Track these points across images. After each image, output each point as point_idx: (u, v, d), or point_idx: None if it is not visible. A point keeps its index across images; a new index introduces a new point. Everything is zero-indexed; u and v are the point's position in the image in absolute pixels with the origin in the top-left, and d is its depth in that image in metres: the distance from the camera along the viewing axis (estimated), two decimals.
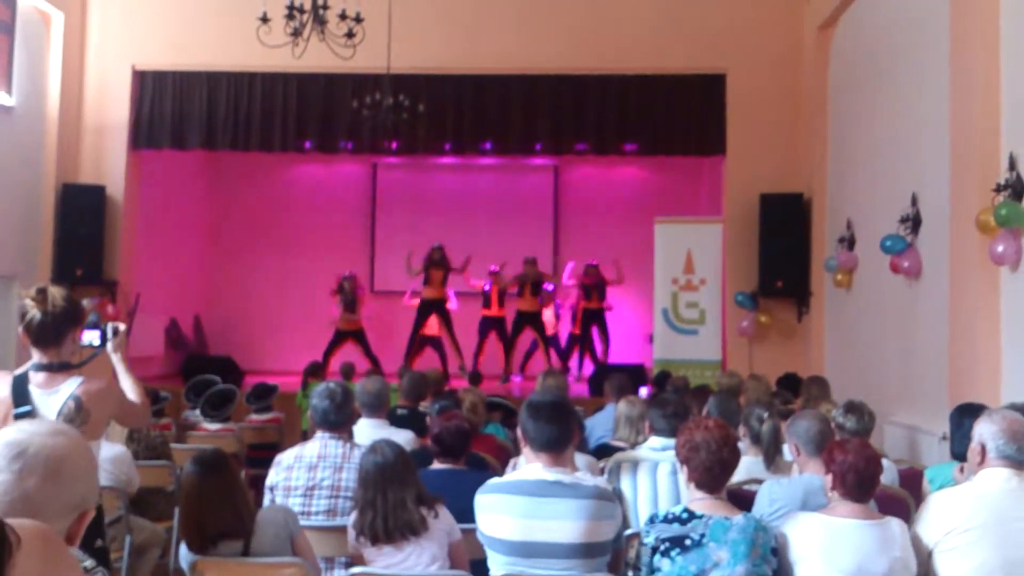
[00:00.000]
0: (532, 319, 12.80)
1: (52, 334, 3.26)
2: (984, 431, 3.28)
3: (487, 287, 12.90)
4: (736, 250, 11.00)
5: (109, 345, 3.56)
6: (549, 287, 13.04)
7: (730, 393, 6.07)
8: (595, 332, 13.12)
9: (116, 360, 3.60)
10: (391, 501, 3.59)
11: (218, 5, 11.21)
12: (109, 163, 11.44)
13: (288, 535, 3.48)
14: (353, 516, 3.72)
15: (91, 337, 3.52)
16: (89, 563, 1.78)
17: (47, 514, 1.69)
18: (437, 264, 12.69)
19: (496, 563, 3.28)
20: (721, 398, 5.34)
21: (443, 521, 3.66)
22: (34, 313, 3.22)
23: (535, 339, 13.05)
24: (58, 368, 3.26)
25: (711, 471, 3.19)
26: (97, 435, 3.31)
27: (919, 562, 3.17)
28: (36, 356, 3.28)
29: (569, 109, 11.38)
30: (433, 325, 12.87)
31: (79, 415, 3.16)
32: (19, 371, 3.30)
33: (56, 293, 3.26)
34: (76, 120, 11.37)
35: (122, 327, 3.61)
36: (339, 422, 4.21)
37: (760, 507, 3.68)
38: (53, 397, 3.21)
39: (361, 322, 12.83)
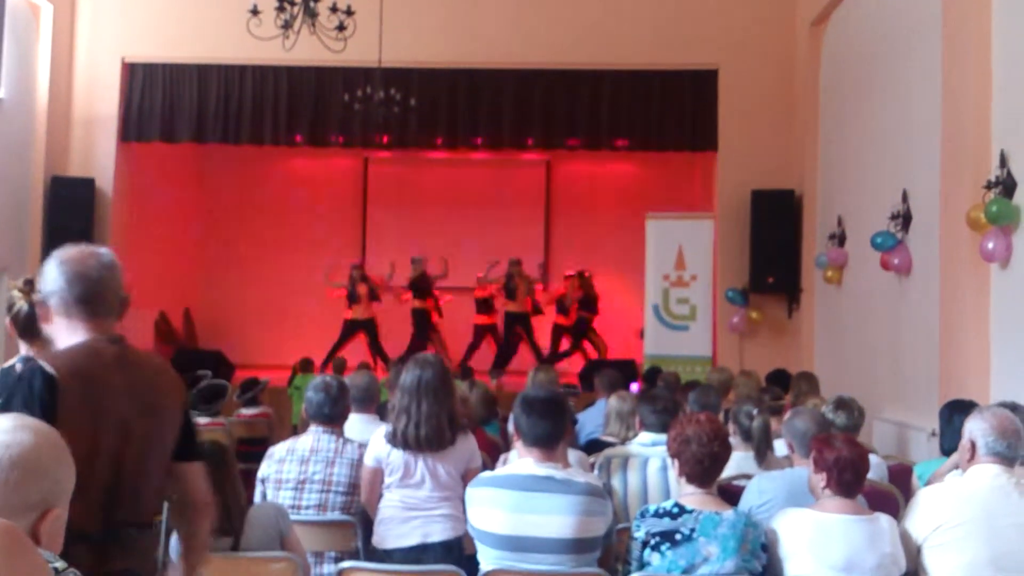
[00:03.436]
0: (521, 320, 12.84)
1: (39, 326, 3.22)
2: (974, 428, 3.29)
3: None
4: (727, 246, 11.01)
5: None
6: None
7: (711, 387, 6.06)
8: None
9: None
10: (424, 411, 3.81)
11: None
12: (98, 156, 11.38)
13: (278, 533, 3.47)
14: (386, 427, 3.91)
15: None
16: (60, 564, 1.74)
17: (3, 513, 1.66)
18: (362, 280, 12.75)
19: (486, 557, 3.28)
20: (701, 392, 5.37)
21: (468, 443, 3.93)
22: (21, 304, 3.17)
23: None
24: None
25: (702, 464, 3.20)
26: None
27: (908, 557, 3.18)
28: (23, 349, 3.24)
29: (561, 104, 11.37)
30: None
31: None
32: (6, 364, 3.27)
33: None
34: (65, 112, 11.31)
35: None
36: (333, 416, 4.21)
37: (749, 499, 3.69)
38: None
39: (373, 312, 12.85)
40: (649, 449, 4.14)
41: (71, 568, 1.76)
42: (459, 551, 3.74)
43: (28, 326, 3.21)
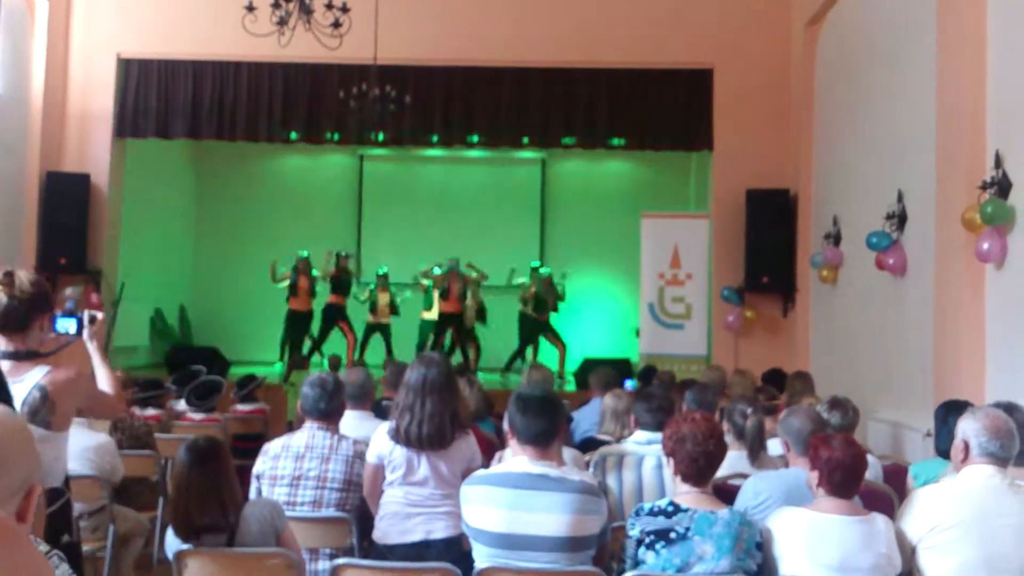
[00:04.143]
0: (451, 320, 12.80)
1: (18, 320, 3.12)
2: (967, 428, 3.29)
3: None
4: (722, 245, 11.03)
5: (85, 333, 3.45)
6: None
7: (708, 386, 6.07)
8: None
9: (92, 349, 3.49)
10: (428, 410, 3.84)
11: None
12: (94, 151, 11.36)
13: (273, 530, 3.45)
14: (389, 424, 3.92)
15: (67, 325, 3.41)
16: (44, 547, 1.75)
17: None
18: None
19: (481, 555, 3.28)
20: (697, 390, 5.37)
21: (469, 442, 3.95)
22: (0, 297, 3.10)
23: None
24: (24, 356, 3.12)
25: (696, 463, 3.20)
26: (64, 426, 3.16)
27: (903, 558, 3.18)
28: (1, 343, 3.15)
29: (557, 102, 11.37)
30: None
31: (45, 405, 3.03)
32: None
33: (23, 277, 3.13)
34: (60, 108, 11.29)
35: (100, 315, 3.51)
36: (329, 411, 4.20)
37: (744, 499, 3.69)
38: (18, 386, 3.03)
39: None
40: (644, 448, 4.14)
41: (55, 551, 1.77)
42: (460, 548, 3.74)
43: (6, 320, 3.12)
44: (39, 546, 1.73)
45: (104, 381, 3.44)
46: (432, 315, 12.90)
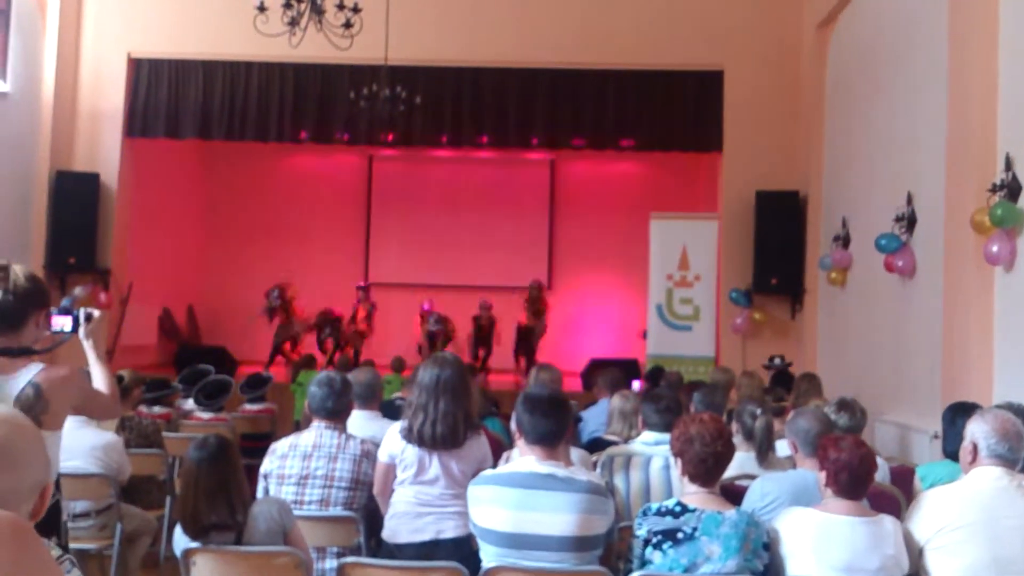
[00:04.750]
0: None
1: (13, 316, 3.02)
2: (976, 430, 3.28)
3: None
4: (731, 247, 11.01)
5: (81, 331, 3.40)
6: None
7: (717, 387, 6.06)
8: None
9: (87, 347, 3.42)
10: (441, 409, 3.85)
11: None
12: (103, 151, 11.41)
13: (281, 529, 3.45)
14: (401, 423, 3.93)
15: (63, 322, 3.35)
16: (57, 551, 1.76)
17: (11, 503, 1.66)
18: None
19: (488, 554, 3.28)
20: (706, 392, 5.37)
21: (481, 444, 3.95)
22: None
23: None
24: (18, 353, 3.02)
25: (705, 463, 3.19)
26: (57, 425, 3.06)
27: (910, 559, 3.17)
28: None
29: (567, 104, 11.38)
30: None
31: (38, 403, 2.94)
32: None
33: (19, 272, 3.04)
34: (71, 107, 11.33)
35: (96, 313, 3.45)
36: (336, 410, 4.21)
37: (751, 500, 3.68)
38: (11, 383, 2.97)
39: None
40: (652, 448, 4.14)
41: (67, 556, 1.77)
42: (469, 547, 3.74)
43: (0, 315, 3.02)
44: (52, 550, 1.74)
45: (100, 380, 3.36)
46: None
